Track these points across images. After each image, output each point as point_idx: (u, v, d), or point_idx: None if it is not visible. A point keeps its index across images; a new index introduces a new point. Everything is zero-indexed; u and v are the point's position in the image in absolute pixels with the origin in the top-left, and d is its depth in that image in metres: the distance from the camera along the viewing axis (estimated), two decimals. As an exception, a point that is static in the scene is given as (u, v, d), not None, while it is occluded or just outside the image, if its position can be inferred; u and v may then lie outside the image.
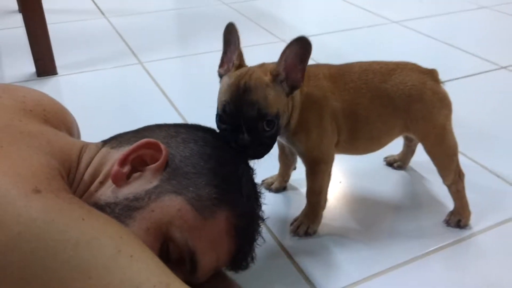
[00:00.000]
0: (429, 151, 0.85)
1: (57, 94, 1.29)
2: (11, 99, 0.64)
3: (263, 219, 0.68)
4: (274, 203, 0.92)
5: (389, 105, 0.80)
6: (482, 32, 1.89)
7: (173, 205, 0.57)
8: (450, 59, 1.63)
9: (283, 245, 0.82)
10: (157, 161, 0.60)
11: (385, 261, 0.79)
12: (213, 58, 0.72)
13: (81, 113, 0.87)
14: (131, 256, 0.48)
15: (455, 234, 0.84)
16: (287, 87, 0.71)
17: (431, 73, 0.83)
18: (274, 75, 0.70)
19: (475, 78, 1.47)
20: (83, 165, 0.60)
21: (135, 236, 0.51)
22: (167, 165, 0.60)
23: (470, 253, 0.81)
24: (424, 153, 0.86)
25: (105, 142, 0.66)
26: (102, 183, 0.59)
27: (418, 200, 0.94)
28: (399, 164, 1.03)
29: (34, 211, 0.45)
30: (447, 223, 0.87)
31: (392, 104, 0.80)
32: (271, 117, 0.68)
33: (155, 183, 0.58)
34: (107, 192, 0.58)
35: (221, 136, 0.69)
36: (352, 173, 1.02)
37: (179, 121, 1.14)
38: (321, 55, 0.80)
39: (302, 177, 0.83)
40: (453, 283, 0.75)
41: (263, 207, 0.69)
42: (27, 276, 0.43)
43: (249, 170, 0.68)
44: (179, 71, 1.53)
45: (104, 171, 0.60)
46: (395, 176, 1.01)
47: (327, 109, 0.77)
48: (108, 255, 0.46)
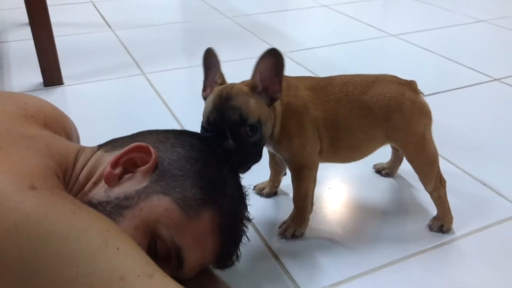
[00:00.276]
0: (409, 159, 0.89)
1: (62, 103, 1.36)
2: (14, 106, 0.69)
3: (249, 219, 0.72)
4: (264, 207, 0.96)
5: (369, 115, 0.83)
6: (478, 45, 1.93)
7: (160, 205, 0.61)
8: (445, 71, 1.66)
9: (270, 246, 0.86)
10: (147, 164, 0.64)
11: (367, 263, 0.82)
12: None
13: (85, 121, 0.93)
14: (118, 248, 0.52)
15: (437, 238, 0.87)
16: (266, 98, 0.75)
17: (410, 84, 0.86)
18: (251, 87, 0.74)
19: (468, 89, 1.51)
20: (78, 167, 0.65)
21: (122, 230, 0.55)
22: (156, 167, 0.64)
23: (450, 257, 0.84)
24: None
25: (100, 146, 0.70)
26: (95, 184, 0.64)
27: (403, 206, 0.97)
28: (387, 171, 1.06)
29: (29, 205, 0.49)
30: (430, 228, 0.90)
31: (372, 114, 0.83)
32: (253, 122, 0.72)
33: (144, 184, 0.62)
34: (100, 191, 0.62)
35: (207, 141, 0.73)
36: (341, 180, 1.06)
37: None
38: (320, 67, 0.83)
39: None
40: (432, 286, 0.78)
41: (250, 208, 0.73)
42: (21, 263, 0.47)
43: (234, 173, 0.72)
44: (181, 82, 1.58)
45: (98, 173, 0.64)
46: (383, 183, 1.04)
47: (308, 118, 0.81)
48: (95, 246, 0.50)
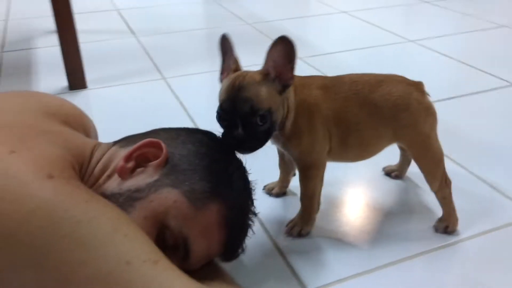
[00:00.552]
0: (415, 158, 0.90)
1: (86, 105, 1.42)
2: (37, 103, 0.74)
3: (255, 213, 0.75)
4: (273, 206, 0.99)
5: (376, 113, 0.85)
6: (498, 50, 1.91)
7: (170, 197, 0.64)
8: (463, 76, 1.66)
9: (277, 244, 0.88)
10: (158, 158, 0.68)
11: (371, 261, 0.83)
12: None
13: (106, 123, 0.98)
14: (126, 235, 0.55)
15: (442, 239, 0.88)
16: (279, 85, 0.77)
17: (417, 85, 0.88)
18: (264, 74, 0.77)
19: (485, 94, 1.50)
20: (94, 161, 0.69)
21: (131, 219, 0.59)
22: (167, 162, 0.68)
23: (455, 258, 0.85)
24: (420, 164, 0.91)
25: (115, 142, 0.75)
26: (109, 177, 0.68)
27: (410, 207, 0.99)
28: (396, 173, 1.07)
29: (46, 193, 0.53)
30: (435, 229, 0.91)
31: (380, 113, 0.85)
32: (263, 111, 0.75)
33: (155, 177, 0.66)
34: (113, 184, 0.66)
35: (217, 137, 0.76)
36: (350, 181, 1.08)
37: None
38: (338, 72, 0.86)
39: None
40: (435, 285, 0.79)
41: (257, 205, 0.76)
42: (35, 245, 0.51)
43: (242, 168, 0.75)
44: (200, 87, 1.63)
45: (111, 167, 0.69)
46: (391, 184, 1.06)
47: (319, 116, 0.83)
48: (105, 232, 0.54)
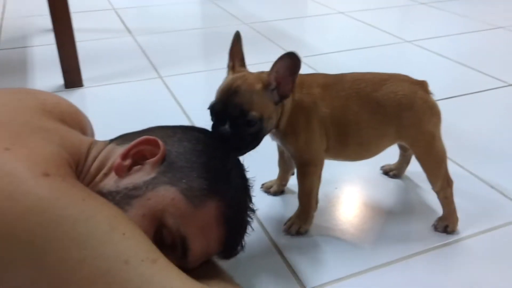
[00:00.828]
0: (418, 157, 0.90)
1: (82, 104, 1.41)
2: (33, 100, 0.73)
3: (253, 210, 0.74)
4: (271, 204, 0.98)
5: (379, 112, 0.85)
6: (494, 51, 1.92)
7: (167, 195, 0.63)
8: (460, 77, 1.66)
9: (275, 242, 0.88)
10: (155, 156, 0.67)
11: (370, 260, 0.83)
12: None
13: (102, 121, 0.97)
14: (123, 233, 0.54)
15: (441, 238, 0.88)
16: (277, 96, 0.78)
17: (422, 84, 0.88)
18: (265, 84, 0.77)
19: (482, 94, 1.50)
20: (90, 159, 0.68)
21: (128, 218, 0.58)
22: (164, 160, 0.67)
23: (454, 257, 0.84)
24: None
25: (111, 140, 0.74)
26: (106, 175, 0.67)
27: (409, 206, 0.98)
28: (394, 172, 1.07)
29: (42, 190, 0.52)
30: (435, 228, 0.90)
31: (383, 111, 0.85)
32: (252, 118, 0.75)
33: (152, 175, 0.65)
34: (110, 182, 0.65)
35: (213, 135, 0.76)
36: (348, 180, 1.07)
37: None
38: (334, 72, 0.86)
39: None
40: (434, 284, 0.79)
41: (256, 203, 0.75)
42: (32, 243, 0.50)
43: (239, 165, 0.74)
44: (197, 86, 1.62)
45: (108, 164, 0.68)
46: (390, 184, 1.05)
47: (315, 115, 0.83)
48: (102, 231, 0.53)
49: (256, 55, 1.85)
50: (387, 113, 0.85)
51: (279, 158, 0.99)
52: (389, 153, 0.97)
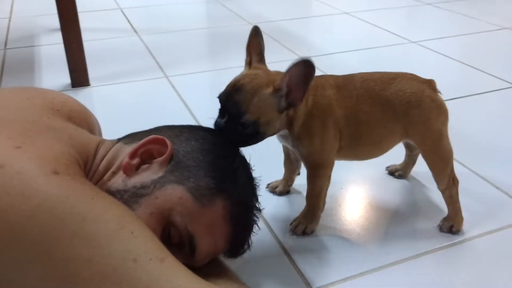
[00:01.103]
0: (425, 156, 0.90)
1: (89, 103, 1.41)
2: (41, 100, 0.74)
3: (259, 209, 0.75)
4: (277, 204, 0.99)
5: (389, 110, 0.85)
6: (500, 52, 1.91)
7: (175, 193, 0.64)
8: (465, 77, 1.66)
9: (281, 242, 0.88)
10: (163, 155, 0.67)
11: (376, 260, 0.83)
12: (236, 74, 0.80)
13: (109, 120, 0.98)
14: (132, 232, 0.55)
15: (446, 239, 0.88)
16: (285, 103, 0.77)
17: (429, 83, 0.88)
18: (275, 89, 0.75)
19: (488, 95, 1.50)
20: (98, 157, 0.69)
21: (137, 217, 0.59)
22: (171, 159, 0.67)
23: (461, 257, 0.84)
24: (425, 164, 0.90)
25: (119, 139, 0.74)
26: (114, 173, 0.68)
27: (414, 206, 0.98)
28: (400, 173, 1.07)
29: (51, 188, 0.53)
30: (440, 228, 0.90)
31: (392, 109, 0.85)
32: (246, 120, 0.75)
33: (160, 174, 0.66)
34: (118, 181, 0.66)
35: (219, 134, 0.76)
36: (354, 180, 1.07)
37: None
38: (340, 73, 0.86)
39: (305, 182, 0.89)
40: (441, 284, 0.79)
41: (262, 203, 0.75)
42: (41, 240, 0.51)
43: (246, 164, 0.75)
44: (202, 85, 1.63)
45: (116, 163, 0.68)
46: (395, 184, 1.06)
47: (331, 116, 0.83)
48: (111, 229, 0.53)
49: (261, 55, 1.87)
50: (396, 111, 0.85)
51: (285, 158, 0.99)
52: (395, 154, 0.97)
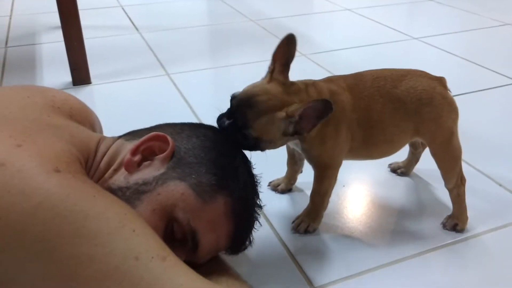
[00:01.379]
0: (435, 154, 0.89)
1: (90, 101, 1.41)
2: (42, 97, 0.74)
3: (260, 207, 0.75)
4: (279, 202, 0.98)
5: (400, 108, 0.84)
6: (502, 48, 1.90)
7: (177, 190, 0.64)
8: (468, 74, 1.65)
9: (283, 240, 0.88)
10: (164, 152, 0.67)
11: (379, 258, 0.83)
12: (237, 71, 0.79)
13: (110, 118, 0.98)
14: (134, 230, 0.55)
15: (451, 236, 0.88)
16: (292, 129, 0.76)
17: (440, 80, 0.87)
18: (288, 115, 0.74)
19: (490, 91, 1.49)
20: (99, 154, 0.69)
21: (138, 215, 0.59)
22: (173, 155, 0.67)
23: (465, 255, 0.84)
24: (427, 161, 0.90)
25: (120, 136, 0.74)
26: (116, 171, 0.67)
27: (418, 204, 0.98)
28: (402, 170, 1.06)
29: (53, 186, 0.53)
30: (444, 226, 0.90)
31: (403, 107, 0.84)
32: (249, 134, 0.75)
33: (162, 170, 0.65)
34: (120, 178, 0.66)
35: (220, 132, 0.76)
36: (356, 178, 1.07)
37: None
38: (342, 69, 0.85)
39: (307, 180, 0.89)
40: (446, 281, 0.78)
41: (263, 200, 0.76)
42: (43, 238, 0.50)
43: (246, 161, 0.75)
44: (204, 83, 1.62)
45: (118, 160, 0.68)
46: (398, 181, 1.05)
47: (345, 121, 0.82)
48: (112, 227, 0.53)
49: (262, 52, 1.86)
50: (407, 109, 0.84)
51: (288, 157, 0.99)
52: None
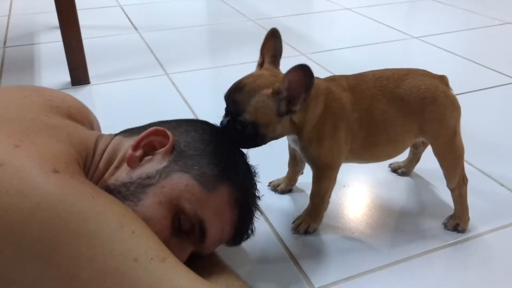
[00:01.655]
0: (438, 153, 0.88)
1: (89, 101, 1.40)
2: (40, 97, 0.73)
3: (259, 197, 0.76)
4: (279, 202, 0.98)
5: (404, 108, 0.83)
6: (502, 47, 1.90)
7: (181, 182, 0.64)
8: (468, 73, 1.64)
9: (283, 240, 0.87)
10: (165, 146, 0.67)
11: (380, 258, 0.82)
12: (237, 71, 0.79)
13: (109, 119, 0.97)
14: (133, 231, 0.54)
15: (453, 236, 0.87)
16: (284, 107, 0.75)
17: (442, 78, 0.86)
18: (275, 91, 0.74)
19: (490, 91, 1.49)
20: (98, 153, 0.68)
21: (137, 216, 0.58)
22: (173, 149, 0.68)
23: (468, 255, 0.84)
24: (428, 161, 0.89)
25: (117, 134, 0.74)
26: (117, 168, 0.67)
27: (419, 204, 0.97)
28: (403, 170, 1.06)
29: (51, 187, 0.52)
30: (445, 226, 0.89)
31: (407, 107, 0.83)
32: (244, 121, 0.74)
33: (164, 164, 0.66)
34: (123, 174, 0.66)
35: (216, 127, 0.77)
36: (356, 178, 1.06)
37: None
38: (341, 69, 0.85)
39: (307, 180, 0.88)
40: (448, 281, 0.78)
41: (262, 199, 0.77)
42: (42, 240, 0.50)
43: (243, 154, 0.76)
44: (203, 83, 1.62)
45: (118, 157, 0.68)
46: (398, 181, 1.04)
47: (344, 120, 0.81)
48: (112, 228, 0.53)
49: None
50: (410, 108, 0.83)
51: (290, 158, 0.98)
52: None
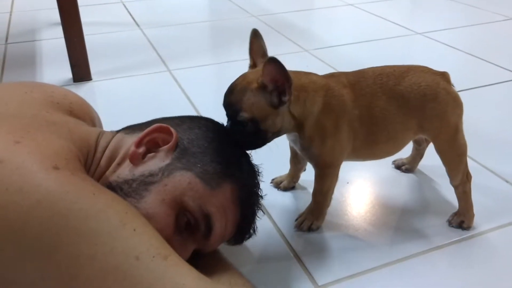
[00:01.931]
0: (440, 150, 0.87)
1: (91, 97, 1.40)
2: (41, 93, 0.73)
3: (261, 196, 0.75)
4: (281, 199, 0.97)
5: (404, 105, 0.82)
6: (507, 43, 1.88)
7: (184, 179, 0.64)
8: (472, 69, 1.63)
9: (286, 238, 0.87)
10: (168, 144, 0.67)
11: (384, 256, 0.82)
12: (239, 67, 0.79)
13: (111, 115, 0.96)
14: (134, 229, 0.54)
15: (457, 233, 0.86)
16: (276, 99, 0.74)
17: (443, 75, 0.85)
18: (260, 85, 0.74)
19: (495, 87, 1.47)
20: (100, 150, 0.68)
21: (139, 213, 0.58)
22: (177, 146, 0.67)
23: (472, 252, 0.83)
24: (432, 157, 0.88)
25: (118, 130, 0.73)
26: (119, 165, 0.66)
27: (423, 201, 0.97)
28: (407, 167, 1.05)
29: (52, 183, 0.51)
30: (450, 223, 0.88)
31: (407, 104, 0.82)
32: (243, 118, 0.74)
33: (167, 161, 0.65)
34: (125, 171, 0.65)
35: (219, 124, 0.76)
36: (360, 175, 1.05)
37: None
38: (344, 65, 0.84)
39: (310, 177, 0.87)
40: (452, 279, 0.77)
41: (266, 197, 0.76)
42: (43, 238, 0.49)
43: (246, 153, 0.75)
44: (205, 79, 1.61)
45: (120, 154, 0.67)
46: (402, 178, 1.04)
47: (345, 117, 0.80)
48: (113, 226, 0.52)
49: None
50: (411, 105, 0.82)
51: (291, 156, 0.97)
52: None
